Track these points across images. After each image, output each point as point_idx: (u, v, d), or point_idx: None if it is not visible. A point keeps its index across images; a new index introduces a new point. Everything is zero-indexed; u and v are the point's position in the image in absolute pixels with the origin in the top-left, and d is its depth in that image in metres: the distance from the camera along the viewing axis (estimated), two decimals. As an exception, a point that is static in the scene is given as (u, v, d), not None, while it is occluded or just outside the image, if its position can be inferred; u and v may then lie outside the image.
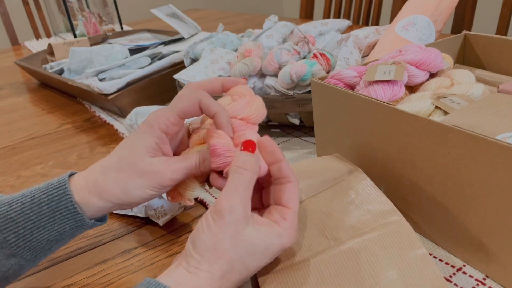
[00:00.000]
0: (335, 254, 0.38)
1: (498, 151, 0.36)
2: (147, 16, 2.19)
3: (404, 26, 0.70)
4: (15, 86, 1.26)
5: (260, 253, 0.36)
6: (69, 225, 0.40)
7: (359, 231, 0.40)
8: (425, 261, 0.37)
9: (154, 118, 0.41)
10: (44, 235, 0.39)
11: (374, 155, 0.50)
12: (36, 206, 0.39)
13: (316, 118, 0.58)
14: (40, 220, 0.39)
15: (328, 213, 0.43)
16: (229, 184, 0.37)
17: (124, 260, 0.51)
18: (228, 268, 0.35)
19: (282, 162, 0.40)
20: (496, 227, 0.39)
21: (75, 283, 0.48)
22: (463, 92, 0.50)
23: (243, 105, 0.43)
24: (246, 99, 0.44)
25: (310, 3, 1.82)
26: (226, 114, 0.41)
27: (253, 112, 0.43)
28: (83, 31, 1.66)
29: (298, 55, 0.75)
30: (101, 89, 0.88)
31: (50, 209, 0.39)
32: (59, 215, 0.39)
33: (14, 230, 0.38)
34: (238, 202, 0.36)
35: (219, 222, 0.35)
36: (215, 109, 0.41)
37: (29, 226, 0.39)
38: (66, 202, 0.39)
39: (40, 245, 0.40)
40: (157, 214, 0.55)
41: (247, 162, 0.38)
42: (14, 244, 0.39)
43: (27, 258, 0.40)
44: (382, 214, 0.41)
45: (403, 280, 0.36)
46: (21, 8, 2.03)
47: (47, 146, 0.84)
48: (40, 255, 0.41)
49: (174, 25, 1.23)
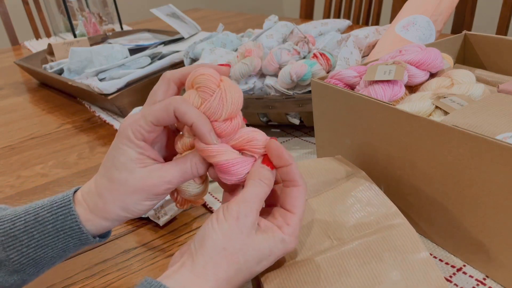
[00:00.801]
0: (338, 254, 0.38)
1: (498, 151, 0.36)
2: (147, 16, 2.19)
3: (404, 26, 0.70)
4: (15, 86, 1.26)
5: (265, 259, 0.36)
6: (73, 243, 0.40)
7: (362, 233, 0.40)
8: (428, 264, 0.37)
9: (129, 128, 0.38)
10: (48, 253, 0.39)
11: (374, 155, 0.50)
12: (40, 225, 0.38)
13: (316, 118, 0.58)
14: (44, 239, 0.38)
15: (331, 213, 0.43)
16: (249, 191, 0.37)
17: (124, 260, 0.51)
18: (233, 272, 0.35)
19: (291, 165, 0.39)
20: (496, 227, 0.39)
21: (75, 283, 0.48)
22: (463, 92, 0.50)
23: (218, 103, 0.38)
24: (217, 95, 0.38)
25: (310, 3, 1.82)
26: (205, 123, 0.38)
27: (233, 107, 0.39)
28: (83, 31, 1.66)
29: (298, 55, 0.75)
30: (101, 89, 0.88)
31: (55, 229, 0.38)
32: (63, 234, 0.39)
33: (18, 248, 0.38)
34: (254, 211, 0.36)
35: (233, 224, 0.35)
36: (193, 119, 0.37)
37: (33, 244, 0.38)
38: (71, 222, 0.39)
39: (44, 262, 0.39)
40: (157, 214, 0.56)
41: (266, 177, 0.38)
42: (17, 261, 0.38)
43: (30, 273, 0.39)
44: (385, 216, 0.41)
45: (406, 282, 0.36)
46: (21, 8, 2.03)
47: (47, 146, 0.84)
48: (43, 269, 0.40)
49: (174, 25, 1.23)
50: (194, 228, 0.55)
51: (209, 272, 0.34)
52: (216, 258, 0.35)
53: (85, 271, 0.50)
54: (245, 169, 0.39)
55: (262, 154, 0.39)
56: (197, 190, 0.43)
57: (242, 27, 1.67)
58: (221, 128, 0.39)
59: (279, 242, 0.37)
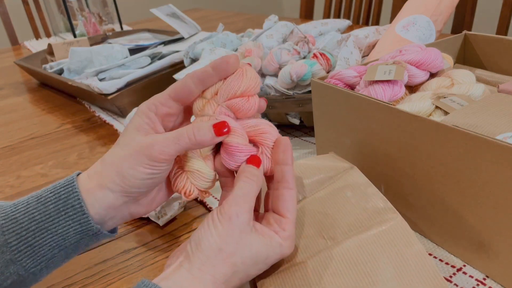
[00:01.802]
0: (332, 254, 0.38)
1: (498, 151, 0.36)
2: (147, 16, 2.19)
3: (404, 26, 0.70)
4: (15, 86, 1.26)
5: (262, 262, 0.37)
6: (74, 228, 0.38)
7: (356, 230, 0.40)
8: (421, 257, 0.37)
9: (146, 102, 0.41)
10: (47, 239, 0.38)
11: (374, 155, 0.50)
12: (42, 205, 0.38)
13: (316, 118, 0.58)
14: (45, 221, 0.38)
15: (325, 213, 0.43)
16: (238, 191, 0.37)
17: (124, 260, 0.51)
18: (230, 273, 0.35)
19: (288, 166, 0.39)
20: (496, 227, 0.39)
21: (75, 283, 0.48)
22: (463, 92, 0.50)
23: (237, 78, 0.41)
24: (237, 72, 0.42)
25: (310, 3, 1.82)
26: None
27: (250, 83, 0.41)
28: (83, 31, 1.66)
29: (298, 55, 0.75)
30: (101, 89, 0.88)
31: (56, 209, 0.38)
32: (65, 215, 0.38)
33: (17, 232, 0.37)
34: (245, 210, 0.37)
35: (226, 225, 0.36)
36: (211, 68, 0.41)
37: (32, 227, 0.37)
38: (73, 201, 0.38)
39: (42, 251, 0.38)
40: (157, 214, 0.55)
41: (254, 175, 0.39)
42: (15, 247, 0.37)
43: (27, 267, 0.38)
44: (377, 212, 0.41)
45: (400, 278, 0.36)
46: (21, 8, 2.03)
47: (47, 146, 0.84)
48: (41, 265, 0.38)
49: (174, 25, 1.23)
50: (194, 228, 0.55)
51: (206, 273, 0.35)
52: (213, 259, 0.35)
53: (85, 271, 0.50)
54: (245, 160, 0.40)
55: (252, 154, 0.40)
56: (205, 183, 0.42)
57: (242, 27, 1.67)
58: (238, 104, 0.41)
59: (276, 247, 0.37)
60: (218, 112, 0.42)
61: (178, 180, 0.42)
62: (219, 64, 0.41)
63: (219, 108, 0.42)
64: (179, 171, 0.43)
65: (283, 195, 0.39)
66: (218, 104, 0.42)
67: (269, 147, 0.41)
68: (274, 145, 0.41)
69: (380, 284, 0.36)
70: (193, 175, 0.42)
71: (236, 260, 0.35)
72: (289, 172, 0.39)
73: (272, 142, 0.41)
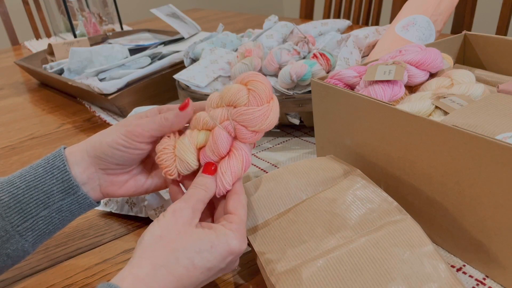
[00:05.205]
0: (348, 251, 0.39)
1: (498, 151, 0.36)
2: (147, 16, 2.19)
3: (404, 26, 0.70)
4: (15, 86, 1.26)
5: (206, 251, 0.37)
6: (57, 186, 0.43)
7: (367, 230, 0.40)
8: (434, 257, 0.37)
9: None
10: (34, 196, 0.42)
11: (374, 155, 0.50)
12: (33, 170, 0.44)
13: (316, 118, 0.58)
14: (33, 180, 0.43)
15: (331, 212, 0.43)
16: (187, 193, 0.41)
17: (124, 260, 0.51)
18: (172, 259, 0.36)
19: (240, 194, 0.43)
20: (496, 227, 0.39)
21: (75, 283, 0.48)
22: (463, 92, 0.50)
23: (261, 115, 0.42)
24: (264, 108, 0.42)
25: (310, 3, 1.82)
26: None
27: (267, 126, 0.43)
28: (83, 31, 1.66)
29: (298, 55, 0.75)
30: (101, 89, 0.88)
31: (44, 170, 0.43)
32: (50, 175, 0.43)
33: (9, 190, 0.42)
34: (189, 206, 0.40)
35: (169, 217, 0.38)
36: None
37: (23, 186, 0.43)
38: (58, 161, 0.44)
39: (28, 208, 0.42)
40: (157, 214, 0.55)
41: (203, 183, 0.42)
42: (6, 203, 0.42)
43: (14, 224, 0.42)
44: (387, 212, 0.41)
45: (416, 276, 0.36)
46: (21, 8, 2.03)
47: (47, 146, 0.84)
48: (27, 223, 0.42)
49: (174, 25, 1.24)
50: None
51: (144, 260, 0.36)
52: (153, 246, 0.37)
53: (85, 271, 0.50)
54: (225, 147, 0.43)
55: (207, 162, 0.43)
56: (187, 171, 0.45)
57: (242, 27, 1.67)
58: (245, 135, 0.43)
59: (221, 235, 0.38)
60: (225, 124, 0.43)
61: (165, 157, 0.44)
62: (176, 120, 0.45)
63: (228, 122, 0.43)
64: (170, 150, 0.44)
65: (232, 197, 0.42)
66: (229, 116, 0.43)
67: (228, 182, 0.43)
68: (230, 191, 0.43)
69: (399, 281, 0.36)
70: (181, 163, 0.44)
71: (177, 246, 0.37)
72: (238, 185, 0.43)
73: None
